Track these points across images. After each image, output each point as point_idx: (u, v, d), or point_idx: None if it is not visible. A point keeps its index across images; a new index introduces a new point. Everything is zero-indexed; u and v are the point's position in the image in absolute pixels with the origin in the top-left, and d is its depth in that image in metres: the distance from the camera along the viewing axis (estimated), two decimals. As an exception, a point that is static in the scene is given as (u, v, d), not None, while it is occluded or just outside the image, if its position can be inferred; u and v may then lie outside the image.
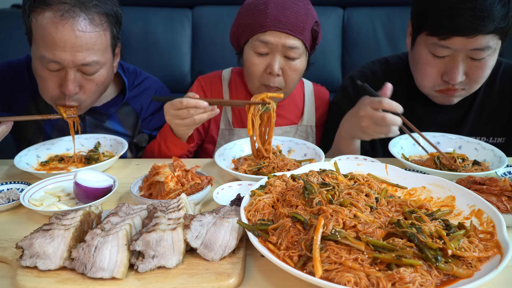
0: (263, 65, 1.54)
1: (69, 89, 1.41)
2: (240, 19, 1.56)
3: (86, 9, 1.38)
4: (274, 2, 1.48)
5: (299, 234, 0.86)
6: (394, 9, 2.77)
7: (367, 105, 1.32)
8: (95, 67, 1.43)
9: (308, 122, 1.83)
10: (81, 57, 1.38)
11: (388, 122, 1.27)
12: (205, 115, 1.36)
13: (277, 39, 1.48)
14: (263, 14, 1.47)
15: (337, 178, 1.08)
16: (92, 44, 1.39)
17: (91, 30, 1.38)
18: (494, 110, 1.62)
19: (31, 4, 1.37)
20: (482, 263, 0.80)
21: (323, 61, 2.71)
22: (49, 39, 1.35)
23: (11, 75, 1.68)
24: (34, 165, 1.47)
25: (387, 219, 0.90)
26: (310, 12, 1.54)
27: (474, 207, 0.99)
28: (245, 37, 1.54)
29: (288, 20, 1.46)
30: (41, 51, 1.37)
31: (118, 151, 1.52)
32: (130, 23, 2.67)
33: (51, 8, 1.35)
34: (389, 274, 0.73)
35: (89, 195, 1.14)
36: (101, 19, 1.42)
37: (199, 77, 1.85)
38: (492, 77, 1.60)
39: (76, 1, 1.36)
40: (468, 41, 1.35)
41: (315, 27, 1.55)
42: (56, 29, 1.34)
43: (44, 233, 0.86)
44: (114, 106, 1.71)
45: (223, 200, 1.16)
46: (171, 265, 0.84)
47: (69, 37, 1.35)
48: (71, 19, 1.35)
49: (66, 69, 1.40)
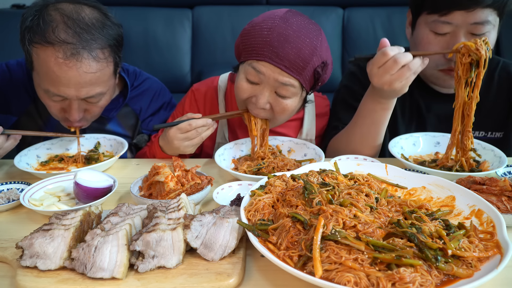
0: (249, 93, 1.40)
1: (73, 117, 1.44)
2: (243, 36, 1.42)
3: (89, 47, 1.34)
4: (278, 33, 1.32)
5: (299, 234, 0.86)
6: (394, 9, 2.78)
7: (374, 67, 1.26)
8: (99, 97, 1.45)
9: (307, 136, 1.69)
10: (85, 92, 1.39)
11: (400, 61, 1.21)
12: (209, 131, 1.42)
13: (269, 72, 1.33)
14: (263, 42, 1.33)
15: (337, 178, 1.08)
16: (96, 79, 1.39)
17: (95, 69, 1.37)
18: (493, 106, 1.65)
19: (30, 38, 1.32)
20: (482, 263, 0.80)
21: (323, 61, 2.71)
22: (53, 77, 1.33)
23: (10, 78, 1.67)
24: (34, 165, 1.47)
25: (387, 219, 0.90)
26: (318, 51, 1.35)
27: (474, 207, 0.99)
28: (242, 57, 1.42)
29: (287, 56, 1.31)
30: (45, 85, 1.37)
31: (118, 151, 1.52)
32: (130, 23, 2.68)
33: (53, 47, 1.31)
34: (389, 274, 0.73)
35: (89, 195, 1.14)
36: (105, 53, 1.39)
37: (193, 87, 1.74)
38: (491, 73, 1.65)
39: (79, 40, 1.32)
40: (467, 15, 1.38)
41: (320, 68, 1.37)
42: (60, 69, 1.32)
43: (44, 233, 0.86)
44: (115, 109, 1.70)
45: (223, 200, 1.16)
46: (171, 265, 0.84)
47: (74, 76, 1.33)
48: (76, 61, 1.32)
49: (70, 100, 1.41)
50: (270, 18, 1.37)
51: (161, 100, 1.84)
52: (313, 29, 1.37)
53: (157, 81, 1.89)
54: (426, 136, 1.54)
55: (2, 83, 1.67)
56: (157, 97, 1.83)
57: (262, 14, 1.43)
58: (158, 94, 1.83)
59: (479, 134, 1.66)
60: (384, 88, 1.27)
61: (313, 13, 2.80)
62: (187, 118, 1.40)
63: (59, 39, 1.30)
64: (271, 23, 1.34)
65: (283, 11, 1.39)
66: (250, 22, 1.45)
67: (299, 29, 1.33)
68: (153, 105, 1.81)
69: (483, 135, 1.67)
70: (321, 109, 1.73)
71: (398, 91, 1.28)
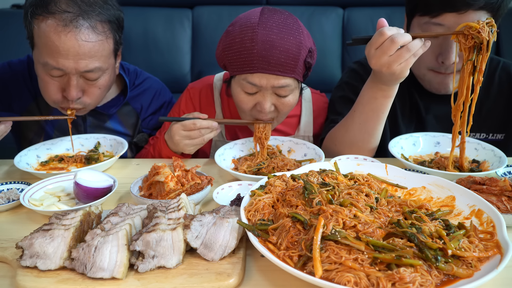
0: (252, 102, 1.42)
1: (71, 95, 1.43)
2: (226, 50, 1.40)
3: (89, 17, 1.37)
4: (262, 41, 1.31)
5: (299, 234, 0.86)
6: (394, 9, 2.78)
7: (371, 48, 1.20)
8: (98, 73, 1.45)
9: (305, 132, 1.71)
10: (84, 65, 1.39)
11: (397, 41, 1.14)
12: (212, 134, 1.42)
13: (265, 81, 1.35)
14: (251, 54, 1.32)
15: (337, 178, 1.08)
16: (95, 52, 1.40)
17: (94, 39, 1.38)
18: (493, 107, 1.64)
19: (33, 11, 1.36)
20: (482, 263, 0.80)
21: (323, 61, 2.71)
22: (52, 47, 1.35)
23: (12, 76, 1.69)
24: (34, 165, 1.47)
25: (387, 219, 0.90)
26: (303, 43, 1.36)
27: (474, 207, 0.99)
28: (231, 71, 1.42)
29: (278, 61, 1.31)
30: (44, 57, 1.38)
31: (118, 151, 1.52)
32: (130, 23, 2.67)
33: (53, 16, 1.34)
34: (389, 274, 0.73)
35: (89, 195, 1.14)
36: (104, 27, 1.42)
37: (188, 86, 1.76)
38: (491, 74, 1.64)
39: (79, 10, 1.36)
40: (460, 17, 1.35)
41: (309, 58, 1.38)
42: (59, 38, 1.34)
43: (44, 233, 0.86)
44: (115, 106, 1.71)
45: (223, 200, 1.16)
46: (171, 265, 0.84)
47: (72, 46, 1.35)
48: (74, 28, 1.34)
49: (69, 75, 1.41)
50: (247, 26, 1.35)
51: (162, 99, 1.85)
52: (292, 23, 1.37)
53: (158, 80, 1.90)
54: (426, 136, 1.54)
55: (4, 81, 1.68)
56: (157, 96, 1.83)
57: (236, 21, 1.41)
58: (159, 93, 1.84)
59: (480, 136, 1.66)
60: (382, 71, 1.21)
61: (313, 13, 2.80)
62: (193, 116, 1.41)
63: (60, 9, 1.34)
64: (251, 33, 1.33)
65: (257, 15, 1.37)
66: (226, 32, 1.43)
67: (280, 30, 1.33)
68: (154, 104, 1.82)
69: (484, 137, 1.66)
70: (319, 105, 1.74)
71: (397, 74, 1.21)
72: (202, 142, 1.42)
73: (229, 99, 1.68)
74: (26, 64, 1.70)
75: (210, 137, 1.42)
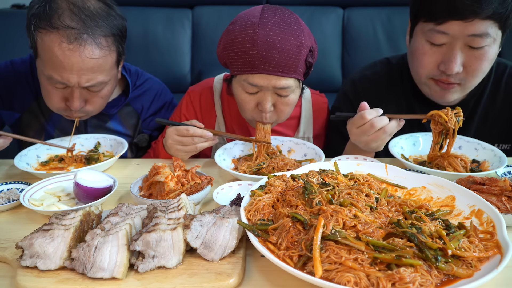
0: (254, 102, 1.43)
1: (75, 106, 1.44)
2: (226, 49, 1.40)
3: (93, 33, 1.37)
4: (263, 41, 1.30)
5: (299, 234, 0.86)
6: (394, 9, 2.78)
7: (352, 126, 1.34)
8: (100, 86, 1.46)
9: (305, 133, 1.71)
10: (87, 79, 1.40)
11: (376, 125, 1.29)
12: (206, 143, 1.41)
13: (266, 81, 1.35)
14: (251, 55, 1.32)
15: (337, 178, 1.08)
16: (98, 67, 1.41)
17: (98, 55, 1.39)
18: (500, 115, 1.58)
19: (36, 23, 1.35)
20: (482, 263, 0.80)
21: (323, 61, 2.71)
22: (56, 62, 1.35)
23: (14, 75, 1.69)
24: (34, 165, 1.47)
25: (387, 219, 0.90)
26: (304, 43, 1.35)
27: (474, 207, 0.99)
28: (232, 71, 1.43)
29: (279, 62, 1.32)
30: (48, 71, 1.38)
31: (118, 151, 1.52)
32: (130, 23, 2.66)
33: (57, 31, 1.33)
34: (389, 274, 0.73)
35: (89, 195, 1.14)
36: (108, 41, 1.42)
37: (189, 90, 1.74)
38: (497, 81, 1.58)
39: (83, 26, 1.35)
40: (465, 26, 1.30)
41: (309, 57, 1.38)
42: (64, 54, 1.34)
43: (44, 233, 0.86)
44: (116, 107, 1.71)
45: (223, 200, 1.16)
46: (171, 265, 0.84)
47: (76, 62, 1.35)
48: (79, 45, 1.34)
49: (72, 88, 1.42)
50: (248, 26, 1.34)
51: (163, 100, 1.85)
52: (293, 23, 1.36)
53: (159, 81, 1.90)
54: (426, 136, 1.54)
55: (6, 80, 1.69)
56: (158, 97, 1.84)
57: (237, 20, 1.41)
58: (160, 94, 1.84)
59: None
60: (361, 146, 1.38)
61: (313, 13, 2.80)
62: (190, 123, 1.41)
63: (64, 24, 1.33)
64: (252, 34, 1.32)
65: (258, 14, 1.36)
66: (227, 30, 1.43)
67: (281, 30, 1.33)
68: (155, 105, 1.82)
69: None
70: (319, 106, 1.74)
71: (374, 149, 1.39)
72: (195, 150, 1.40)
73: (229, 102, 1.67)
74: (28, 63, 1.70)
75: (204, 147, 1.41)
